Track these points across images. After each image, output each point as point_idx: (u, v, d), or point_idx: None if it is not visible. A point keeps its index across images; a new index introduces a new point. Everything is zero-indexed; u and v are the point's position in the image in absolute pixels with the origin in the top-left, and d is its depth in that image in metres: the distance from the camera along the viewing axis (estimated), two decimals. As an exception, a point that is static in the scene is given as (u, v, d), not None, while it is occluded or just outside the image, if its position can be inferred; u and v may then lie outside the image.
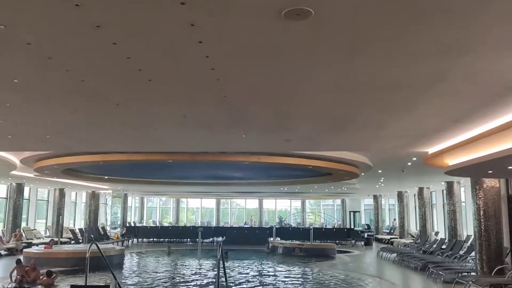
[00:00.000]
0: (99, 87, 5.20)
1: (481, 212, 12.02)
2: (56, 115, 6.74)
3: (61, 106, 6.06)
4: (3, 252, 18.34)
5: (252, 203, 44.15)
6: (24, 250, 16.30)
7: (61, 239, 21.82)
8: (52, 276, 11.53)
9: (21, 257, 14.24)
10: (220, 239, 27.03)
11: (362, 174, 16.24)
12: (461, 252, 15.06)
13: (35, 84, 5.07)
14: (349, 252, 22.11)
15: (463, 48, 3.92)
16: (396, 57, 4.15)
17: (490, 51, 3.98)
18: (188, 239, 27.84)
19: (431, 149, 9.66)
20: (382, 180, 20.31)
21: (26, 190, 24.24)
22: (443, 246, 17.29)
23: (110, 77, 4.80)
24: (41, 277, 11.73)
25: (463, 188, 19.60)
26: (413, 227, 27.73)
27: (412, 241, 22.72)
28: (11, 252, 18.42)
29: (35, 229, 24.72)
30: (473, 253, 13.46)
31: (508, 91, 5.24)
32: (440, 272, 12.35)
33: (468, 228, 19.18)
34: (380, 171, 16.52)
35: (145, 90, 5.26)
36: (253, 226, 37.11)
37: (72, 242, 22.77)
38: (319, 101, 5.82)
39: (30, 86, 5.17)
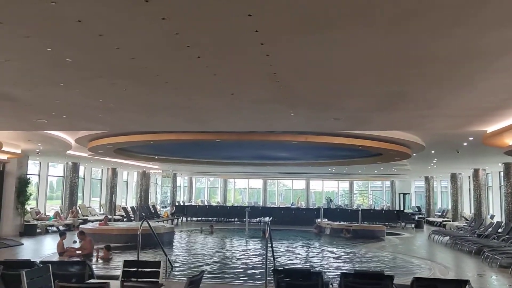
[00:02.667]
0: (149, 65, 5.19)
1: (543, 195, 11.46)
2: (107, 94, 6.83)
3: (111, 85, 6.12)
4: (61, 228, 19.19)
5: (299, 184, 44.14)
6: (80, 226, 17.01)
7: (114, 217, 22.71)
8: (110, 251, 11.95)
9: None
10: (267, 219, 27.23)
11: (414, 154, 15.78)
12: (520, 237, 14.46)
13: (87, 62, 5.11)
14: (398, 234, 21.75)
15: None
16: (457, 26, 3.87)
17: None
18: (236, 219, 28.19)
19: (490, 128, 9.18)
20: (435, 161, 19.71)
21: (81, 169, 25.24)
22: (500, 230, 16.67)
23: (159, 54, 4.77)
24: (94, 250, 12.11)
25: (523, 170, 18.73)
26: (466, 210, 26.88)
27: (465, 224, 22.04)
28: (68, 228, 19.37)
29: (90, 207, 25.78)
30: (532, 238, 12.89)
31: None
32: (496, 257, 11.89)
33: (527, 212, 18.37)
34: (433, 152, 16.01)
35: (194, 67, 5.21)
36: (299, 207, 37.17)
37: (125, 219, 23.62)
38: (370, 76, 5.58)
39: (82, 65, 5.22)
